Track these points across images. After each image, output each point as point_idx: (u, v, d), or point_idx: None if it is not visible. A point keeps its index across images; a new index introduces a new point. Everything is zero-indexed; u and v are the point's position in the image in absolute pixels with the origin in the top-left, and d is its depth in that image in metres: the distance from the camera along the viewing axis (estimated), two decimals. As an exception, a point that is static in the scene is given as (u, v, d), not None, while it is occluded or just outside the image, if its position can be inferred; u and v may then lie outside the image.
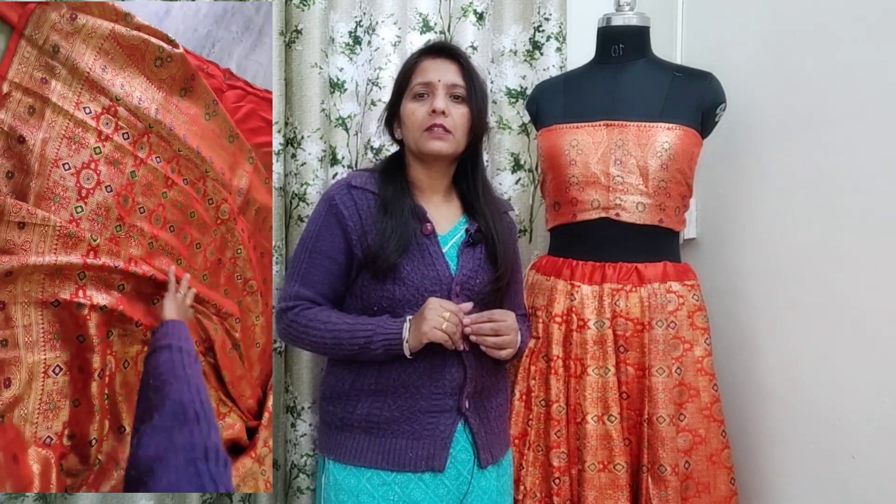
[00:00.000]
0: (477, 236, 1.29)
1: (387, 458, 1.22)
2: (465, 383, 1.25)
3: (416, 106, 1.27)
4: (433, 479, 1.23)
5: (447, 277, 1.25)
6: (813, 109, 1.39)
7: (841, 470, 1.32)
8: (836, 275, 1.33)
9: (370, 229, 1.24)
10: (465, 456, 1.26)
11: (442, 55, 1.30)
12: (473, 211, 1.33)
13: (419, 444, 1.22)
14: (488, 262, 1.30)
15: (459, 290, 1.26)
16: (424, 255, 1.24)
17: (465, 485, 1.25)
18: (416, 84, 1.28)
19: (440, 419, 1.23)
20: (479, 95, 1.29)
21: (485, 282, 1.28)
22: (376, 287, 1.23)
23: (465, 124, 1.27)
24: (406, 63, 1.32)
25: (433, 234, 1.27)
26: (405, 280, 1.22)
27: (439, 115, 1.24)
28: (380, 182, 1.29)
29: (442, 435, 1.23)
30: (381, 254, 1.21)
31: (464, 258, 1.28)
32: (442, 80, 1.26)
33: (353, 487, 1.22)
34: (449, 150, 1.26)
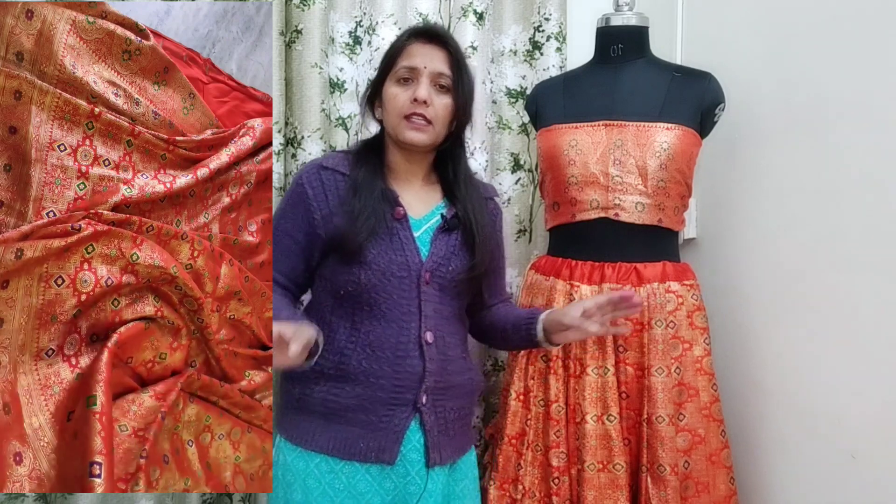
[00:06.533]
0: (453, 222, 1.26)
1: (338, 445, 1.20)
2: (425, 377, 1.21)
3: (398, 90, 1.23)
4: (380, 472, 1.20)
5: (416, 263, 1.22)
6: (813, 109, 1.39)
7: (841, 470, 1.32)
8: (835, 275, 1.33)
9: (336, 210, 1.21)
10: (415, 455, 1.22)
11: (432, 41, 1.25)
12: (453, 197, 1.30)
13: (372, 434, 1.19)
14: (464, 249, 1.27)
15: (430, 278, 1.23)
16: (393, 239, 1.21)
17: (413, 484, 1.21)
18: (401, 67, 1.24)
19: (396, 412, 1.20)
20: (465, 87, 1.25)
21: (458, 269, 1.25)
22: (343, 271, 1.21)
23: (447, 116, 1.24)
24: (395, 43, 1.28)
25: (405, 219, 1.23)
26: (370, 264, 1.19)
27: (421, 104, 1.21)
28: (352, 163, 1.26)
29: (396, 428, 1.20)
30: (347, 236, 1.18)
31: (437, 244, 1.25)
32: (428, 66, 1.22)
33: (302, 470, 1.20)
34: (426, 142, 1.24)
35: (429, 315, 1.22)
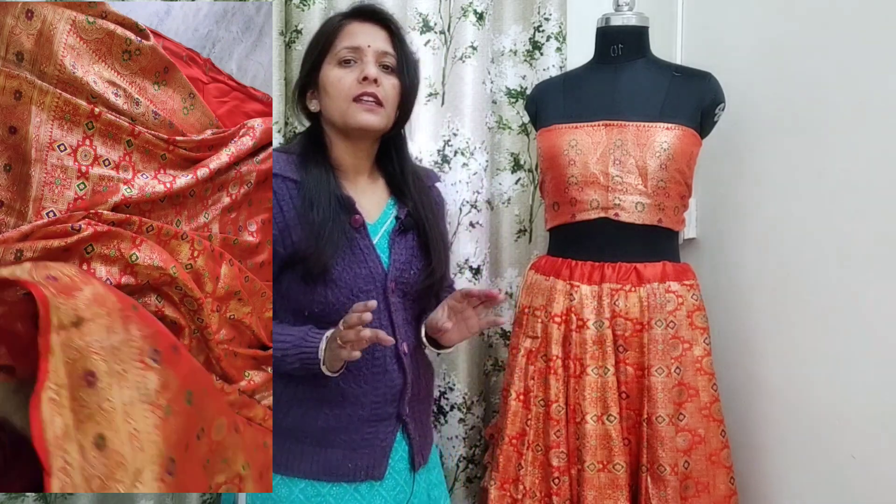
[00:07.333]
0: (408, 222, 1.19)
1: (323, 468, 1.12)
2: (405, 389, 1.17)
3: (342, 73, 1.13)
4: (370, 489, 1.14)
5: (380, 274, 1.14)
6: (812, 109, 1.39)
7: (841, 470, 1.32)
8: (835, 274, 1.33)
9: (293, 223, 1.12)
10: (401, 465, 1.19)
11: (371, 20, 1.17)
12: (400, 193, 1.22)
13: (357, 454, 1.13)
14: (421, 251, 1.20)
15: (394, 287, 1.15)
16: (355, 250, 1.13)
17: (402, 493, 1.18)
18: (341, 48, 1.14)
19: (379, 427, 1.15)
20: (410, 67, 1.17)
21: (419, 273, 1.19)
22: (306, 290, 1.12)
23: (396, 97, 1.16)
24: (327, 25, 1.19)
25: (363, 227, 1.15)
26: (336, 282, 1.10)
27: (371, 83, 1.12)
28: (299, 166, 1.16)
29: (382, 444, 1.15)
30: (311, 255, 1.09)
31: (395, 249, 1.17)
32: (372, 45, 1.13)
33: (285, 497, 1.12)
34: (380, 125, 1.14)
35: (399, 325, 1.17)
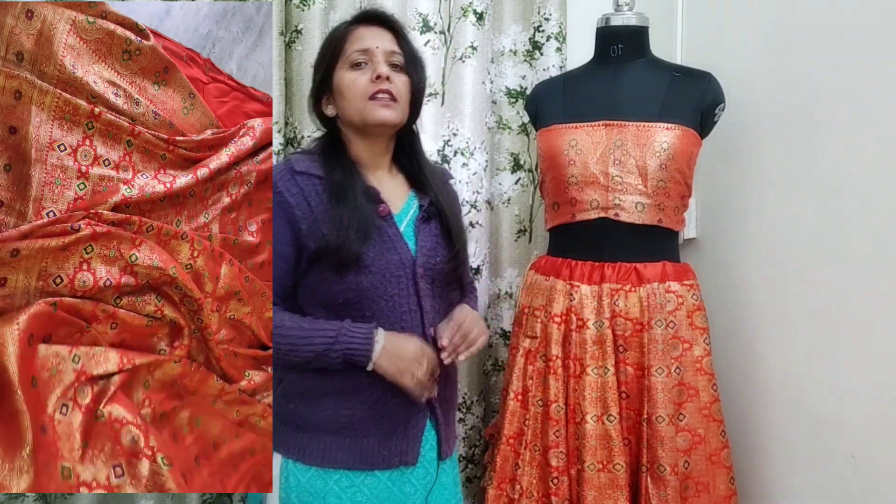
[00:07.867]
0: (431, 210, 1.25)
1: (359, 458, 1.17)
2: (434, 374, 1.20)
3: (355, 75, 1.19)
4: (401, 476, 1.19)
5: (409, 260, 1.19)
6: (813, 109, 1.39)
7: (841, 470, 1.32)
8: (835, 275, 1.33)
9: (322, 218, 1.16)
10: (431, 454, 1.23)
11: (376, 23, 1.23)
12: (420, 185, 1.27)
13: (391, 441, 1.17)
14: (444, 238, 1.25)
15: (423, 273, 1.20)
16: (384, 238, 1.18)
17: (430, 480, 1.22)
18: (352, 52, 1.20)
19: (412, 413, 1.19)
20: (417, 64, 1.24)
21: (444, 259, 1.24)
22: (336, 280, 1.15)
23: (408, 93, 1.22)
24: (335, 32, 1.25)
25: (389, 216, 1.20)
26: (370, 268, 1.15)
27: (384, 80, 1.18)
28: (323, 165, 1.20)
29: (414, 429, 1.19)
30: (343, 245, 1.13)
31: (421, 236, 1.22)
32: (380, 46, 1.20)
33: (320, 490, 1.16)
34: (396, 120, 1.20)
35: (428, 310, 1.20)
